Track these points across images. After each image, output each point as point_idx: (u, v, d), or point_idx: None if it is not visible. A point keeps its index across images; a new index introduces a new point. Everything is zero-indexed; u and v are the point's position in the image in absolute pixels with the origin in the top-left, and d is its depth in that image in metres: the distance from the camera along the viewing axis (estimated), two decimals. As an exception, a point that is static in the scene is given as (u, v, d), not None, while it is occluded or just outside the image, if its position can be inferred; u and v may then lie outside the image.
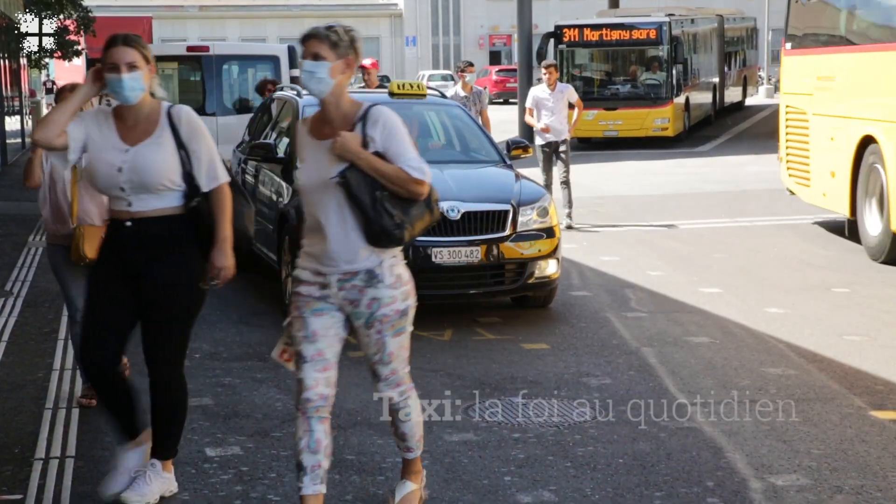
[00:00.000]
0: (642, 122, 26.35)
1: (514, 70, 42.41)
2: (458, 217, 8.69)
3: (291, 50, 14.88)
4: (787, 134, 14.44)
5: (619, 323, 8.99)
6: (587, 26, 27.28)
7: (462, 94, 14.06)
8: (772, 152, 25.44)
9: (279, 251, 9.36)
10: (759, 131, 31.11)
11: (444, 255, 8.64)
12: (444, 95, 11.04)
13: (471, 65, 15.00)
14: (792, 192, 14.37)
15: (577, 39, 27.09)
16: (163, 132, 5.10)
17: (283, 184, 9.56)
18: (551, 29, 27.55)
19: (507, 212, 8.88)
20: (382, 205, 4.66)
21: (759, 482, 5.45)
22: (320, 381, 4.76)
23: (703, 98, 31.20)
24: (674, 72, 26.61)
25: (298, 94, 10.39)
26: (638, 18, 27.74)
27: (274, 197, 9.81)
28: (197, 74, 15.00)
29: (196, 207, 5.14)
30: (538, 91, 14.60)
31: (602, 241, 13.31)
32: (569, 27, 27.25)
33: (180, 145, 5.10)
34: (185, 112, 5.18)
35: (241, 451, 6.04)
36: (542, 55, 27.14)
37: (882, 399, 6.80)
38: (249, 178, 10.96)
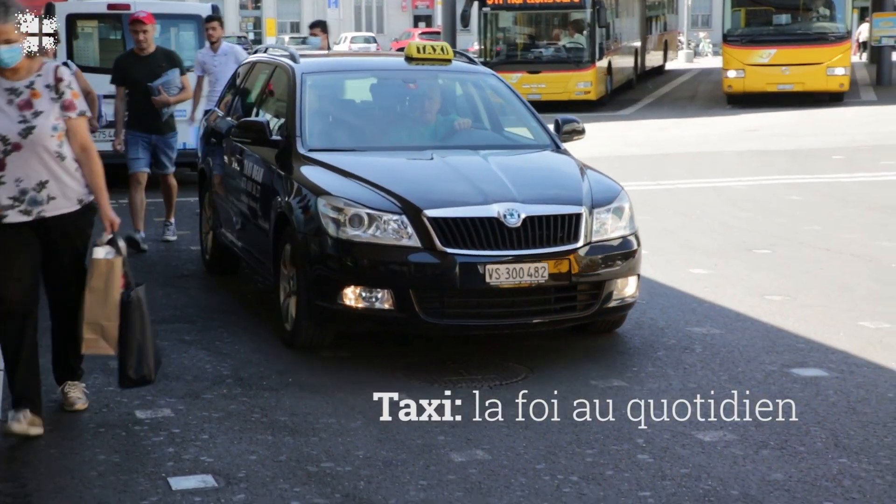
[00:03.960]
0: (565, 86, 26.44)
1: (438, 33, 42.31)
2: (519, 224, 6.60)
3: (215, 9, 14.65)
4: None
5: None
6: (511, -11, 27.22)
7: (211, 54, 12.06)
8: (692, 116, 25.82)
9: (276, 262, 7.36)
10: (680, 95, 31.47)
11: (501, 275, 6.51)
12: (472, 61, 8.80)
13: (317, 25, 13.14)
14: None
15: (500, 2, 27.04)
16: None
17: (281, 175, 7.47)
18: (475, -9, 27.49)
19: (578, 216, 6.78)
20: None
21: (687, 438, 5.56)
22: None
23: (625, 62, 31.40)
24: (596, 36, 26.71)
25: (293, 58, 8.40)
26: (561, -18, 27.77)
27: (267, 191, 7.71)
28: (118, 33, 14.70)
29: None
30: (203, 54, 12.23)
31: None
32: (493, -10, 27.17)
33: None
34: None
35: (171, 413, 6.00)
36: (465, 18, 27.13)
37: (803, 357, 6.96)
38: (228, 162, 8.88)
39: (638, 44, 33.63)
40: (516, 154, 8.00)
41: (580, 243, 6.71)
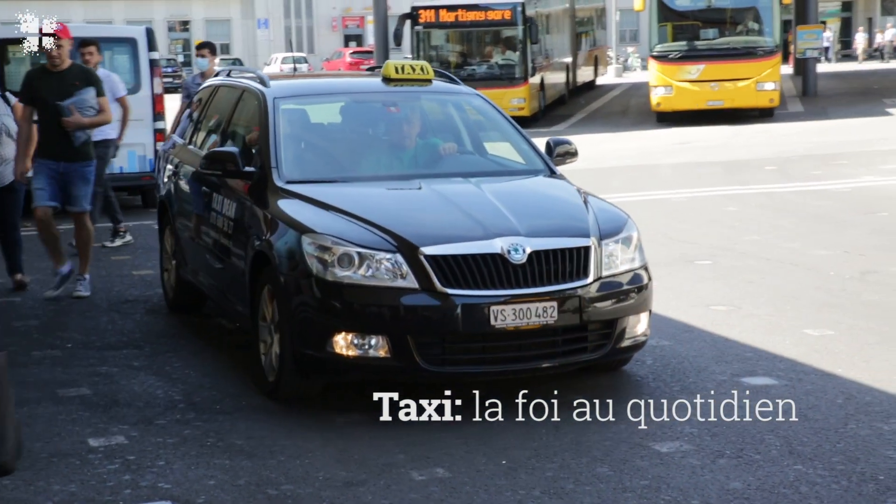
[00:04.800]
0: (498, 103, 26.17)
1: (370, 52, 42.31)
2: (525, 259, 6.09)
3: (150, 32, 14.56)
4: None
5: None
6: (443, 7, 27.35)
7: (198, 82, 11.68)
8: (626, 130, 26.07)
9: (255, 307, 6.72)
10: (612, 110, 31.77)
11: (507, 316, 6.01)
12: (454, 80, 8.34)
13: (205, 46, 12.30)
14: None
15: (433, 20, 27.16)
16: None
17: (257, 210, 6.86)
18: (404, 10, 27.61)
19: (587, 249, 6.28)
20: None
21: (645, 450, 5.60)
22: None
23: (557, 78, 31.65)
24: (528, 52, 26.90)
25: (262, 81, 7.76)
26: (493, -1, 27.96)
27: (241, 227, 7.07)
28: (51, 58, 14.54)
29: None
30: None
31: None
32: (425, 8, 27.29)
33: None
34: None
35: (125, 440, 5.93)
36: (398, 37, 27.18)
37: (752, 366, 7.05)
38: (194, 195, 8.20)
39: (569, 59, 33.91)
40: (510, 181, 7.40)
41: (590, 279, 6.22)
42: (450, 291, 5.97)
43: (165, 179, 9.08)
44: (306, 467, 5.48)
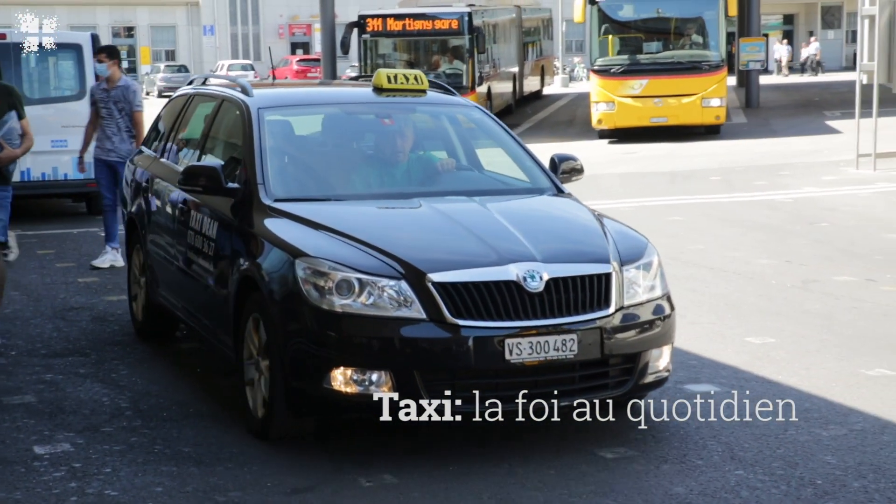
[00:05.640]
0: (446, 112, 26.53)
1: (317, 60, 42.27)
2: (542, 287, 5.58)
3: (95, 38, 14.46)
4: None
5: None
6: (390, 16, 27.40)
7: (104, 87, 10.99)
8: (572, 139, 26.25)
9: (238, 337, 6.19)
10: (558, 119, 31.98)
11: (523, 350, 5.48)
12: (450, 91, 7.76)
13: (103, 51, 11.17)
14: None
15: (380, 29, 27.16)
16: None
17: (243, 230, 6.35)
18: (352, 19, 27.62)
19: (608, 276, 5.78)
20: None
21: (590, 455, 5.67)
22: None
23: (503, 87, 31.81)
24: (475, 62, 27.01)
25: (244, 90, 7.22)
26: (440, 8, 28.02)
27: (224, 249, 6.54)
28: (-8, 65, 14.41)
29: None
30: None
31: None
32: (372, 17, 27.31)
33: None
34: None
35: (71, 447, 5.91)
36: (345, 45, 27.18)
37: (696, 373, 7.15)
38: (169, 213, 7.56)
39: (516, 69, 34.10)
40: (516, 200, 6.89)
41: (611, 309, 5.71)
42: (460, 322, 5.44)
43: (133, 195, 8.53)
44: (254, 474, 5.49)
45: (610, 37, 25.04)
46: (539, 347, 5.52)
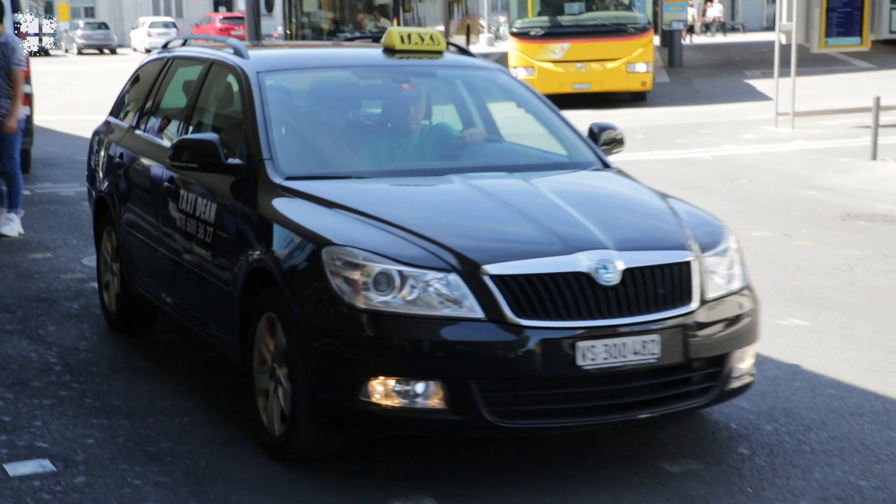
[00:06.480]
0: (372, 70, 26.48)
1: (241, 18, 41.90)
2: (618, 280, 4.77)
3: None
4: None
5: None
6: (315, -26, 27.26)
7: None
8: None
9: (245, 340, 5.35)
10: (484, 79, 32.00)
11: (597, 354, 4.68)
12: (467, 52, 7.03)
13: None
14: None
15: (305, -14, 27.04)
16: None
17: (249, 214, 5.48)
18: (277, -25, 27.40)
19: (688, 265, 4.98)
20: None
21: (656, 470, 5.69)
22: None
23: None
24: (401, 21, 26.98)
25: (238, 52, 6.39)
26: (365, -34, 27.96)
27: (225, 235, 5.66)
28: None
29: None
30: None
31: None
32: (297, -26, 27.15)
33: None
34: None
35: (0, 402, 5.94)
36: (270, 3, 26.97)
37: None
38: (154, 192, 6.63)
39: (441, 28, 34.10)
40: (562, 175, 6.04)
41: (695, 304, 4.94)
42: (525, 323, 4.62)
43: (104, 173, 7.61)
44: (184, 426, 5.57)
45: None
46: (616, 351, 4.70)
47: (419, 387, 4.64)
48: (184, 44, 7.58)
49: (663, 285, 4.87)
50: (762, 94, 24.18)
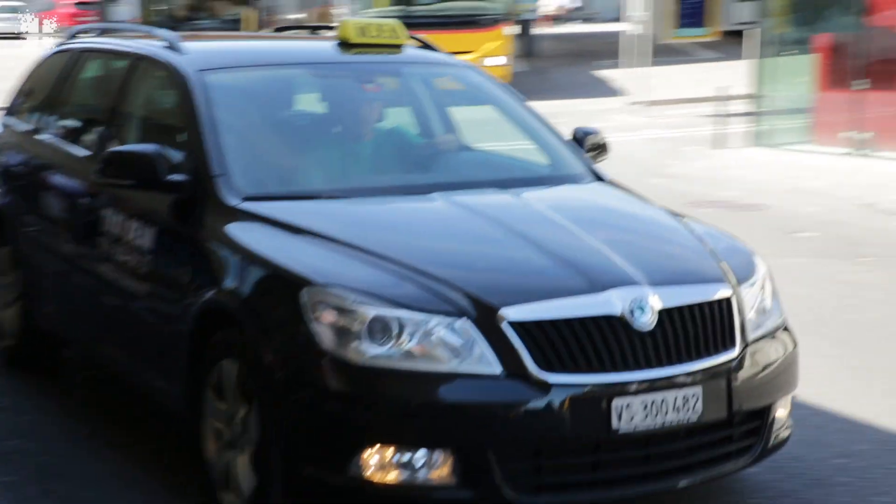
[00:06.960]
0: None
1: (96, 2, 40.82)
2: (654, 323, 4.03)
3: None
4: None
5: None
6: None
7: None
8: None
9: (193, 390, 4.46)
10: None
11: (635, 413, 3.95)
12: (430, 47, 6.10)
13: None
14: None
15: (159, -27, 26.56)
16: None
17: (198, 240, 4.60)
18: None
19: (728, 301, 4.26)
20: None
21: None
22: None
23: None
24: (255, 6, 26.77)
25: (172, 46, 5.43)
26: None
27: (168, 268, 4.77)
28: None
29: None
30: None
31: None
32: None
33: None
34: None
35: None
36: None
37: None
38: (69, 210, 5.68)
39: (301, 16, 33.89)
40: (558, 191, 5.22)
41: (738, 348, 4.22)
42: (551, 379, 3.87)
43: (6, 182, 6.49)
44: (33, 423, 5.54)
45: None
46: (655, 409, 3.97)
47: (423, 458, 3.87)
48: (101, 33, 6.67)
49: (703, 327, 4.14)
50: (615, 82, 24.67)
